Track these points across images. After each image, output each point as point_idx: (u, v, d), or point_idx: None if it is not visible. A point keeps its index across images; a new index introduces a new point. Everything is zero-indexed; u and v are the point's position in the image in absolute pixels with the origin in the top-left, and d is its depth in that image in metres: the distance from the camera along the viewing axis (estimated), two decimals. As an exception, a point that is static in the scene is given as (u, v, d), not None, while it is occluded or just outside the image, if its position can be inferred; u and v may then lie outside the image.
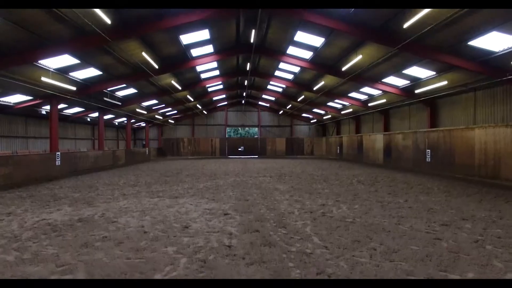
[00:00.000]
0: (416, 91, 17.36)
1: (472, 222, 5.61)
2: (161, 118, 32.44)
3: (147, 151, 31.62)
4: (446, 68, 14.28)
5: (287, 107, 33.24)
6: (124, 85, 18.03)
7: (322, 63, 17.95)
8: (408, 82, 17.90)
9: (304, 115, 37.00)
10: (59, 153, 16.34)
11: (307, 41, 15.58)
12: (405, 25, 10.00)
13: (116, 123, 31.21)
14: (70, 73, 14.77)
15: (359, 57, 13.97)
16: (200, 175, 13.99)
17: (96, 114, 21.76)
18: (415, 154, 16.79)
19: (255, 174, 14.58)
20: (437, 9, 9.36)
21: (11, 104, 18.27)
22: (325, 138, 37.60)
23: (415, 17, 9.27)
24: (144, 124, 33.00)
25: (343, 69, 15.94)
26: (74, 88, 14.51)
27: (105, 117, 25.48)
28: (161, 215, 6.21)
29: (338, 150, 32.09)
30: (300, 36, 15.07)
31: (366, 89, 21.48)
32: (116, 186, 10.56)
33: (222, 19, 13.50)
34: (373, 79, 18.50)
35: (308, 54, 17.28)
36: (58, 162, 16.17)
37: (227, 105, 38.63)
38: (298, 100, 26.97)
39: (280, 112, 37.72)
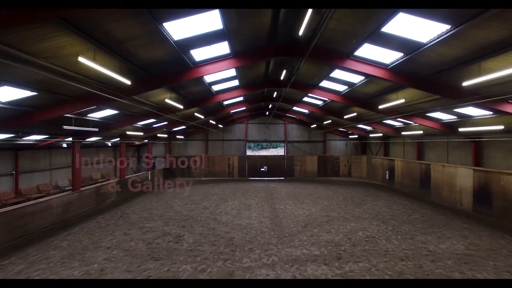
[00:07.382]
0: None
1: None
2: (166, 136, 26.10)
3: (149, 176, 25.49)
4: None
5: (324, 122, 25.93)
6: (94, 106, 11.57)
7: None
8: None
9: (341, 129, 29.60)
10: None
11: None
12: None
13: (110, 144, 25.13)
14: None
15: None
16: (208, 248, 10.02)
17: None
18: None
19: (296, 244, 10.47)
20: None
21: None
22: (367, 157, 30.44)
23: None
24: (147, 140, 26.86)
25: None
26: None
27: (91, 139, 19.44)
28: None
29: (387, 175, 25.28)
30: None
31: (464, 109, 13.99)
32: None
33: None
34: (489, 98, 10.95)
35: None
36: (-18, 233, 10.15)
37: (248, 117, 31.85)
38: (345, 117, 19.69)
39: (312, 126, 30.50)
